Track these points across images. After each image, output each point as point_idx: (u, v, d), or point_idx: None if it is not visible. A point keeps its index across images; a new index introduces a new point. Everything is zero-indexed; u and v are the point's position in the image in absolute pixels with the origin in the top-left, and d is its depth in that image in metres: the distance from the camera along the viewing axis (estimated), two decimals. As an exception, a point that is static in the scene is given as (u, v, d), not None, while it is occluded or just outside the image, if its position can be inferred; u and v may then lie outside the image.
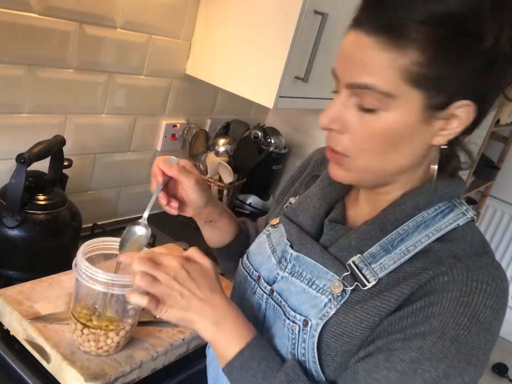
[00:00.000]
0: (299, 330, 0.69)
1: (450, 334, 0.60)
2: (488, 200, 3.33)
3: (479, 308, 0.60)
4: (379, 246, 0.68)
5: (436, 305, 0.61)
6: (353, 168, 0.67)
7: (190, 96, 1.61)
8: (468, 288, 0.61)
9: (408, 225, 0.68)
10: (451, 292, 0.61)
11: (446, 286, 0.62)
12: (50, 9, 1.14)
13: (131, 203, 1.60)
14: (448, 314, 0.61)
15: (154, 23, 1.37)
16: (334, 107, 0.64)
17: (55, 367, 0.84)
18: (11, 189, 1.04)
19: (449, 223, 0.67)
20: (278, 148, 1.86)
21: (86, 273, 0.79)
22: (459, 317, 0.60)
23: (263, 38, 1.35)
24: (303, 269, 0.73)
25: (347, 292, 0.67)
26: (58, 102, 1.26)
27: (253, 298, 0.79)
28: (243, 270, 0.83)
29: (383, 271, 0.66)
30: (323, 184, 0.79)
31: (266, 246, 0.81)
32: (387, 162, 0.65)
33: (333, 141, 0.66)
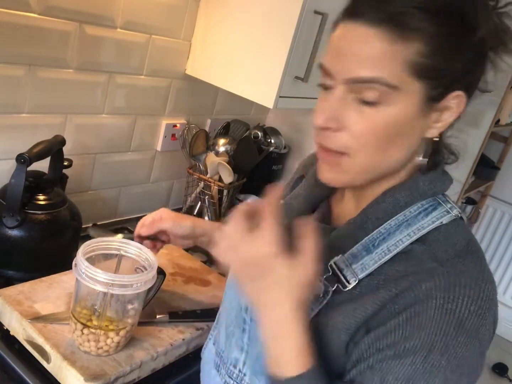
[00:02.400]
0: None
1: (439, 346, 0.58)
2: (488, 200, 3.33)
3: (464, 315, 0.58)
4: (361, 245, 0.66)
5: (422, 315, 0.59)
6: (352, 168, 0.64)
7: (190, 96, 1.61)
8: (451, 294, 0.59)
9: (390, 224, 0.66)
10: (435, 299, 0.59)
11: (429, 293, 0.60)
12: (50, 9, 1.14)
13: (131, 203, 1.60)
14: (435, 325, 0.59)
15: (154, 23, 1.37)
16: (330, 104, 0.62)
17: (55, 367, 0.84)
18: (11, 189, 1.04)
19: (432, 221, 0.65)
20: (278, 148, 1.86)
21: (86, 273, 0.79)
22: (445, 326, 0.58)
23: (263, 38, 1.35)
24: None
25: (329, 294, 0.66)
26: (58, 102, 1.26)
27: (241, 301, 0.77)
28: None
29: (363, 271, 0.65)
30: (308, 184, 0.78)
31: None
32: (386, 157, 0.64)
33: (329, 140, 0.63)
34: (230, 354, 0.78)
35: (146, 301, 0.92)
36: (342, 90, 0.61)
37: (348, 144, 0.62)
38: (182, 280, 1.15)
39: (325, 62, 0.63)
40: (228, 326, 0.80)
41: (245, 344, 0.76)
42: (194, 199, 1.68)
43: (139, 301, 0.86)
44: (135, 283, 0.81)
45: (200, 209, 1.68)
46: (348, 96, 0.61)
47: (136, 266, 0.89)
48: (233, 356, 0.78)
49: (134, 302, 0.85)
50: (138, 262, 0.88)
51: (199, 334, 1.00)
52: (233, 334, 0.78)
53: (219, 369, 0.81)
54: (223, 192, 1.63)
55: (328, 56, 0.63)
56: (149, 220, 0.96)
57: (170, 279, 1.13)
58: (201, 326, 1.00)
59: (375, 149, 0.62)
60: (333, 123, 0.62)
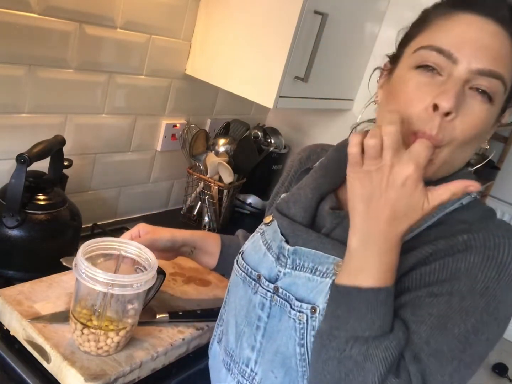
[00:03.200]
0: (307, 319, 0.68)
1: (479, 287, 0.59)
2: (488, 200, 3.32)
3: (506, 260, 0.60)
4: None
5: (462, 261, 0.60)
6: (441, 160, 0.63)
7: (190, 96, 1.61)
8: (491, 243, 0.60)
9: None
10: (475, 248, 0.60)
11: (468, 243, 0.61)
12: (50, 9, 1.14)
13: (131, 203, 1.60)
14: (475, 268, 0.60)
15: (154, 23, 1.37)
16: (457, 89, 0.60)
17: (55, 367, 0.84)
18: (11, 189, 1.04)
19: (453, 202, 0.67)
20: (278, 148, 1.86)
21: (86, 273, 0.79)
22: (487, 270, 0.60)
23: (263, 38, 1.35)
24: (304, 260, 0.71)
25: None
26: (58, 102, 1.26)
27: (255, 299, 0.77)
28: (240, 271, 0.81)
29: None
30: (317, 175, 0.78)
31: (261, 244, 0.80)
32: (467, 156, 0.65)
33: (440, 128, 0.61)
34: (242, 353, 0.78)
35: (146, 301, 0.92)
36: (464, 77, 0.60)
37: (452, 135, 0.61)
38: (182, 280, 1.15)
39: (446, 46, 0.61)
40: (238, 325, 0.80)
41: (258, 343, 0.76)
42: (194, 199, 1.68)
43: (139, 301, 0.86)
44: (135, 283, 0.81)
45: (200, 209, 1.68)
46: (466, 86, 0.61)
47: (136, 266, 0.89)
48: (244, 355, 0.78)
49: (134, 302, 0.85)
50: (138, 262, 0.88)
51: (199, 334, 1.00)
52: (244, 333, 0.78)
53: (230, 368, 0.81)
54: (223, 192, 1.63)
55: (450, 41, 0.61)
56: (127, 238, 0.93)
57: (170, 279, 1.13)
58: (201, 326, 1.00)
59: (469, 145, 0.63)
60: (455, 111, 0.60)
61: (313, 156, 0.89)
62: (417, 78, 0.63)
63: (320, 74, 1.43)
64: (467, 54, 0.60)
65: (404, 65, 0.66)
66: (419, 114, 0.62)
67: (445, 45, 0.61)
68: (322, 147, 0.90)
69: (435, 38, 0.63)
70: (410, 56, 0.65)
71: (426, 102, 0.61)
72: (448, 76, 0.61)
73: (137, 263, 0.88)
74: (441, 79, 0.62)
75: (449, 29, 0.62)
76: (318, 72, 1.41)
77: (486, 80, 0.60)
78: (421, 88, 0.62)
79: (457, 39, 0.61)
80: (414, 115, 0.62)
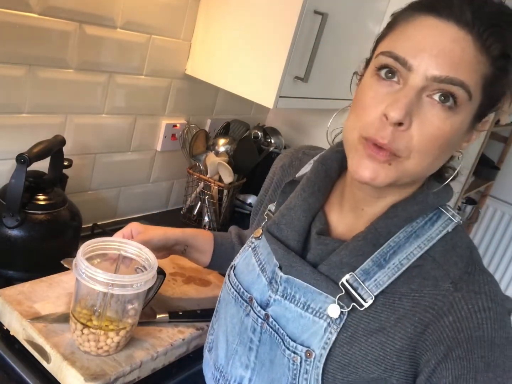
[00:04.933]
0: (301, 361, 0.67)
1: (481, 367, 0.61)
2: (488, 200, 3.33)
3: (491, 335, 0.61)
4: (371, 261, 0.66)
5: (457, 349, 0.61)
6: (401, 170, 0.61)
7: (190, 96, 1.61)
8: (474, 323, 0.61)
9: (399, 237, 0.66)
10: (462, 332, 0.61)
11: (454, 327, 0.62)
12: (50, 9, 1.14)
13: (131, 203, 1.60)
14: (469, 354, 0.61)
15: (154, 23, 1.37)
16: (408, 99, 0.57)
17: (55, 367, 0.84)
18: (11, 189, 1.04)
19: (439, 231, 0.66)
20: (278, 148, 1.86)
21: (86, 273, 0.79)
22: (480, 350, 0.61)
23: (263, 38, 1.35)
24: (295, 292, 0.70)
25: (345, 314, 0.65)
26: (58, 102, 1.26)
27: (247, 321, 0.76)
28: (232, 289, 0.79)
29: (378, 288, 0.65)
30: (306, 194, 0.74)
31: (254, 263, 0.78)
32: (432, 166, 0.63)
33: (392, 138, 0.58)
34: (234, 371, 0.77)
35: (146, 301, 0.92)
36: (420, 86, 0.58)
37: (409, 146, 0.59)
38: (182, 280, 1.15)
39: (401, 52, 0.59)
40: (230, 343, 0.79)
41: (252, 362, 0.75)
42: (194, 199, 1.68)
43: (139, 301, 0.86)
44: (135, 283, 0.81)
45: (200, 209, 1.68)
46: (423, 94, 0.58)
47: (136, 266, 0.89)
48: (237, 373, 0.77)
49: (134, 302, 0.85)
50: (138, 262, 0.88)
51: (199, 334, 1.00)
52: (237, 351, 0.77)
53: (219, 383, 0.80)
54: (223, 192, 1.63)
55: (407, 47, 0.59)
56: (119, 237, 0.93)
57: (170, 279, 1.13)
58: (201, 326, 1.00)
59: (430, 156, 0.60)
60: (407, 121, 0.58)
61: (295, 162, 0.86)
62: (375, 85, 0.61)
63: (320, 74, 1.43)
64: (423, 61, 0.57)
65: (368, 70, 0.64)
66: (373, 121, 0.60)
67: (401, 51, 0.59)
68: (303, 152, 0.87)
69: (394, 44, 0.60)
70: (373, 61, 0.63)
71: (380, 111, 0.59)
72: (404, 84, 0.59)
73: (137, 263, 0.88)
74: (398, 87, 0.59)
75: (409, 34, 0.59)
76: (318, 72, 1.41)
77: (444, 87, 0.57)
78: (377, 96, 0.60)
79: (414, 45, 0.58)
80: (368, 122, 0.60)
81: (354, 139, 0.63)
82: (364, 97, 0.62)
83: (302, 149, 0.89)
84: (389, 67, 0.60)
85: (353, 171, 0.63)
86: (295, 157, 0.88)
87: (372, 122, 0.60)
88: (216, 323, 0.84)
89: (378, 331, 0.64)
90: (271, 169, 0.92)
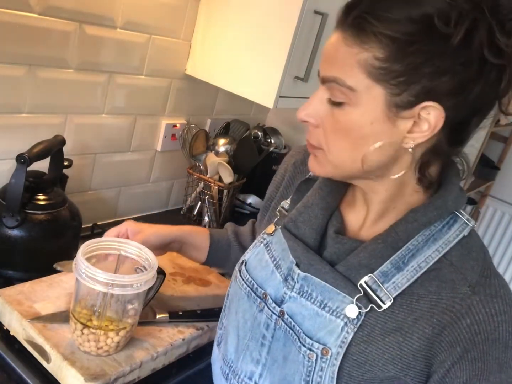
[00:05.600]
0: (316, 359, 0.68)
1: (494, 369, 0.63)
2: (488, 200, 3.32)
3: (506, 337, 0.63)
4: (390, 263, 0.66)
5: (473, 350, 0.63)
6: (326, 162, 0.68)
7: (190, 96, 1.61)
8: (491, 325, 0.63)
9: (417, 240, 0.67)
10: (479, 334, 0.63)
11: (471, 329, 0.63)
12: (50, 9, 1.14)
13: (131, 203, 1.60)
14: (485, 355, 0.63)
15: (154, 23, 1.37)
16: (311, 101, 0.66)
17: (55, 367, 0.84)
18: (11, 189, 1.04)
19: (456, 234, 0.67)
20: (278, 148, 1.86)
21: (86, 273, 0.79)
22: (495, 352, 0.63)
23: (263, 38, 1.35)
24: (312, 290, 0.70)
25: (362, 315, 0.66)
26: (58, 102, 1.26)
27: (260, 317, 0.76)
28: (245, 285, 0.79)
29: (397, 290, 0.66)
30: (324, 192, 0.75)
31: (267, 259, 0.78)
32: (356, 158, 0.65)
33: (309, 135, 0.68)
34: (244, 366, 0.78)
35: (146, 301, 0.92)
36: (322, 88, 0.65)
37: (321, 140, 0.67)
38: (182, 280, 1.15)
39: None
40: (241, 338, 0.79)
41: (263, 358, 0.75)
42: (194, 199, 1.68)
43: (139, 301, 0.86)
44: (135, 283, 0.81)
45: (200, 209, 1.68)
46: (325, 96, 0.65)
47: (136, 266, 0.88)
48: (248, 368, 0.77)
49: (134, 302, 0.85)
50: (138, 262, 0.88)
51: (199, 334, 1.00)
52: (248, 347, 0.77)
53: (229, 378, 0.81)
54: (223, 192, 1.63)
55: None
56: (115, 234, 0.93)
57: (170, 279, 1.13)
58: (201, 326, 1.00)
59: (343, 148, 0.65)
60: (312, 119, 0.66)
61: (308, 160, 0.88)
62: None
63: (320, 74, 1.43)
64: (320, 66, 0.66)
65: None
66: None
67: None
68: None
69: None
70: None
71: None
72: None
73: (137, 263, 0.88)
74: None
75: None
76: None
77: (327, 86, 0.64)
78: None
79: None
80: None
81: None
82: None
83: None
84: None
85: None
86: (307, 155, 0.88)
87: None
88: (225, 318, 0.84)
89: (396, 331, 0.65)
90: (282, 166, 0.93)
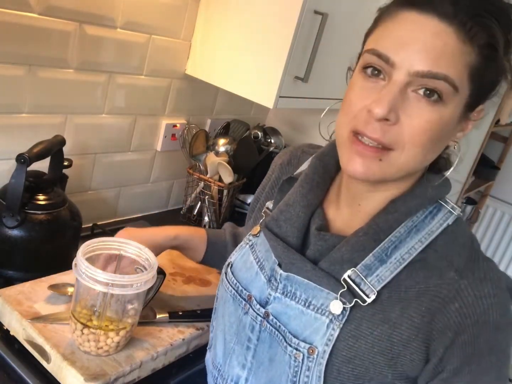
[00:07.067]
0: (303, 358, 0.67)
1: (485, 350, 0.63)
2: (488, 200, 3.33)
3: (496, 319, 0.62)
4: (373, 256, 0.66)
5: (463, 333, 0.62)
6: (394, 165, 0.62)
7: (190, 96, 1.61)
8: (480, 308, 0.62)
9: (400, 231, 0.66)
10: (469, 317, 0.62)
11: (460, 313, 0.62)
12: (50, 9, 1.14)
13: (131, 203, 1.60)
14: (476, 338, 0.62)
15: (154, 23, 1.37)
16: (391, 95, 0.58)
17: (55, 367, 0.84)
18: (11, 189, 1.04)
19: (440, 224, 0.66)
20: (278, 148, 1.86)
21: (86, 273, 0.79)
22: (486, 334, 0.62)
23: (263, 38, 1.35)
24: (296, 289, 0.70)
25: (347, 310, 0.65)
26: (58, 102, 1.26)
27: (245, 319, 0.76)
28: (230, 287, 0.79)
29: (380, 283, 0.65)
30: (304, 190, 0.74)
31: (252, 260, 0.78)
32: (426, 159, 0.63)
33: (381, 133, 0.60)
34: (231, 371, 0.77)
35: (146, 301, 0.92)
36: (404, 81, 0.58)
37: (400, 139, 0.60)
38: (182, 280, 1.15)
39: (384, 49, 0.60)
40: (227, 342, 0.78)
41: (249, 362, 0.75)
42: (194, 199, 1.68)
43: (139, 301, 0.86)
44: (135, 283, 0.81)
45: (200, 209, 1.68)
46: (408, 89, 0.59)
47: (136, 266, 0.89)
48: (234, 372, 0.77)
49: (134, 302, 0.85)
50: (138, 262, 0.88)
51: (199, 334, 1.00)
52: (234, 351, 0.77)
53: (217, 382, 0.81)
54: (223, 192, 1.63)
55: (389, 44, 0.60)
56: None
57: (170, 279, 1.13)
58: (201, 326, 1.00)
59: (422, 149, 0.61)
60: (393, 116, 0.59)
61: (294, 161, 0.86)
62: (361, 82, 0.62)
63: (320, 74, 1.43)
64: (405, 57, 0.58)
65: (357, 67, 0.66)
66: (360, 115, 0.61)
67: (384, 48, 0.59)
68: (302, 150, 0.87)
69: (378, 41, 0.62)
70: (361, 58, 0.65)
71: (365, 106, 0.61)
72: (389, 80, 0.60)
73: (137, 263, 0.88)
74: (383, 83, 0.60)
75: (391, 31, 0.60)
76: (318, 72, 1.41)
77: (428, 81, 0.57)
78: (363, 92, 0.62)
79: (396, 42, 0.59)
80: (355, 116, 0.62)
81: (343, 135, 0.64)
82: (351, 93, 0.64)
83: (301, 148, 0.88)
84: (373, 65, 0.61)
85: (345, 167, 0.64)
86: (294, 155, 0.88)
87: (359, 116, 0.61)
88: (215, 321, 0.84)
89: (384, 323, 0.65)
90: (270, 167, 0.92)
